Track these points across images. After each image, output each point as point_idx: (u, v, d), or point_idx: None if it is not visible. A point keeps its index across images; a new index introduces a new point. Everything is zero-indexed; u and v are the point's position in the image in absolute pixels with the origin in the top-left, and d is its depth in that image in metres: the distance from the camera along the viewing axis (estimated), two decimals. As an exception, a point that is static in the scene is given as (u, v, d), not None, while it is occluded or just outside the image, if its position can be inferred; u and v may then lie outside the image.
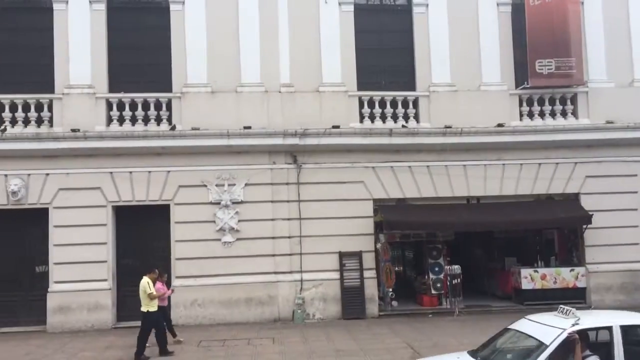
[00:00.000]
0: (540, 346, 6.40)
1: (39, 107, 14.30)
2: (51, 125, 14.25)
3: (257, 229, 14.39)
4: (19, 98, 14.18)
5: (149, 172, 14.33)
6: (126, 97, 14.45)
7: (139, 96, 14.48)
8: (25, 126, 14.19)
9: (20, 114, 14.19)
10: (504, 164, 15.30)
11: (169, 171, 14.38)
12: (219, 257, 14.23)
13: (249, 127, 14.33)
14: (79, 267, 13.90)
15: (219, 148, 14.34)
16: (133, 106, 14.50)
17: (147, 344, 11.10)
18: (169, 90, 14.67)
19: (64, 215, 14.08)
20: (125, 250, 14.56)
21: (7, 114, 14.15)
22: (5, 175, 13.97)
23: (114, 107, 14.51)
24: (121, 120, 14.46)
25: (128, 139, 14.12)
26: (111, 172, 14.26)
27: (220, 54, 14.70)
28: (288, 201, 14.63)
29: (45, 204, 14.12)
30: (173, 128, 14.34)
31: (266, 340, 12.18)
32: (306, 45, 14.97)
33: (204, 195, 14.42)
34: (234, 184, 14.46)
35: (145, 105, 14.54)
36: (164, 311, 11.96)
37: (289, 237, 14.52)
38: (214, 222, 14.35)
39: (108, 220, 14.22)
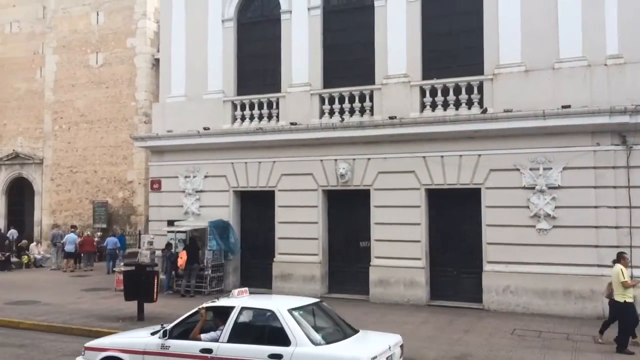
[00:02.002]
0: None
1: (361, 98, 15.75)
2: (372, 114, 15.57)
3: (577, 217, 13.22)
4: (345, 90, 15.87)
5: (460, 156, 14.48)
6: (438, 82, 14.83)
7: (450, 81, 14.70)
8: (351, 115, 15.81)
9: (346, 105, 15.87)
10: None
11: (479, 155, 14.28)
12: (533, 244, 13.56)
13: (568, 106, 13.18)
14: (395, 245, 14.96)
15: (533, 130, 13.59)
16: (445, 91, 14.79)
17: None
18: (480, 73, 14.52)
19: (383, 197, 15.28)
20: (436, 232, 15.07)
21: (336, 106, 15.99)
22: (335, 160, 15.85)
23: (427, 94, 15.03)
24: (433, 106, 14.90)
25: (440, 124, 14.47)
26: (424, 157, 14.86)
27: (535, 29, 13.88)
28: (615, 187, 13.04)
29: (367, 185, 15.55)
30: (484, 111, 14.16)
31: (587, 338, 11.19)
32: (639, 8, 13.01)
33: (516, 180, 13.90)
34: (550, 168, 13.54)
35: (457, 90, 14.68)
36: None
37: (616, 228, 12.94)
38: (528, 207, 13.71)
39: (422, 202, 14.90)
